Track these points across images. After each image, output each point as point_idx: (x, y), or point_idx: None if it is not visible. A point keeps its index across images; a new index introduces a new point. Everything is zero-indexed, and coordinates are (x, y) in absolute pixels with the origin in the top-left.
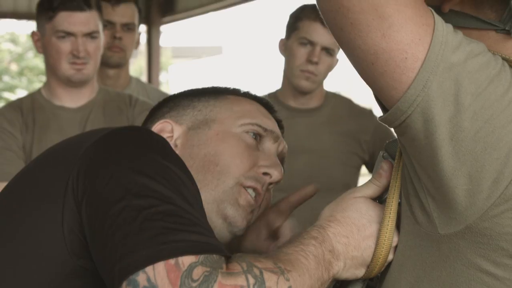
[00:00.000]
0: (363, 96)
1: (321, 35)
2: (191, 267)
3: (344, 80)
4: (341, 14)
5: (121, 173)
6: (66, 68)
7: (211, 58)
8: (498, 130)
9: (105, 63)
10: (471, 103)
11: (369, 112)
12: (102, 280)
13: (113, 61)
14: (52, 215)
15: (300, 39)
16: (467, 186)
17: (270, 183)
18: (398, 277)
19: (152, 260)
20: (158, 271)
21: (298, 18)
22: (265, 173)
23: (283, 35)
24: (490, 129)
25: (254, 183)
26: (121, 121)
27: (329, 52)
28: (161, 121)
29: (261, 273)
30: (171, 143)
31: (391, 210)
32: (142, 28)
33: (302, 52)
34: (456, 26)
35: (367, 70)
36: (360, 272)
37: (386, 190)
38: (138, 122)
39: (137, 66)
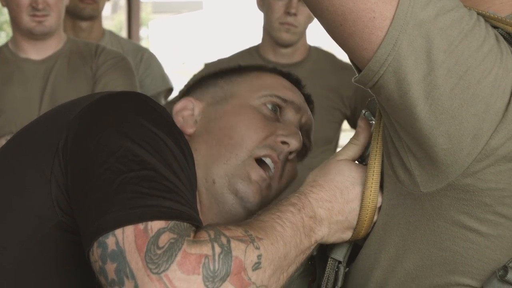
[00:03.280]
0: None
1: None
2: (159, 233)
3: (325, 34)
4: None
5: (107, 136)
6: (26, 20)
7: (192, 14)
8: (473, 86)
9: (78, 16)
10: (444, 60)
11: (352, 67)
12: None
13: (86, 13)
14: (43, 173)
15: None
16: (446, 145)
17: (290, 152)
18: (384, 237)
19: (122, 223)
20: (127, 235)
21: None
22: (283, 142)
23: None
24: (465, 85)
25: (269, 151)
26: (85, 72)
27: None
28: (183, 99)
29: (228, 241)
30: (192, 120)
31: (374, 171)
32: None
33: (279, 5)
34: None
35: (337, 32)
36: (347, 236)
37: (367, 149)
38: (101, 71)
39: (117, 21)
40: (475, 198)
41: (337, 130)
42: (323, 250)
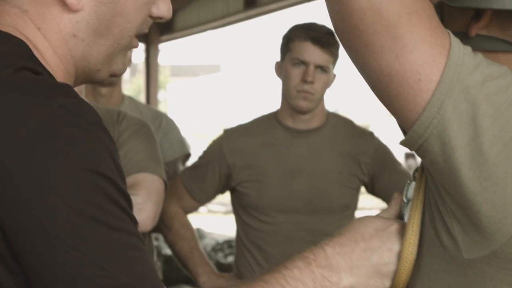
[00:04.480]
0: (362, 115)
1: (312, 53)
2: None
3: (343, 99)
4: (356, 36)
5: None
6: None
7: (210, 76)
8: None
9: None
10: (490, 126)
11: (370, 134)
12: None
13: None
14: None
15: (293, 60)
16: (490, 212)
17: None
18: None
19: None
20: None
21: (289, 39)
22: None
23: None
24: (510, 152)
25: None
26: None
27: (323, 69)
28: None
29: None
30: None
31: (413, 223)
32: (141, 47)
33: (296, 73)
34: (483, 50)
35: (383, 92)
36: (378, 284)
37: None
38: (123, 138)
39: (135, 84)
40: None
41: (355, 196)
42: None
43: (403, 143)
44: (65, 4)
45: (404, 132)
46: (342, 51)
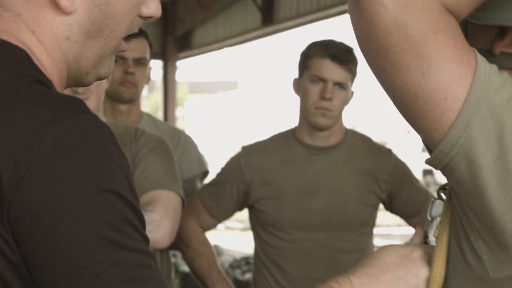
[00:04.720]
0: (379, 132)
1: (330, 70)
2: None
3: (360, 115)
4: (381, 54)
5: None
6: None
7: (227, 93)
8: None
9: (117, 99)
10: None
11: (388, 151)
12: None
13: (126, 97)
14: None
15: (311, 77)
16: None
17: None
18: None
19: None
20: None
21: (307, 56)
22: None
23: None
24: None
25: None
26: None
27: (342, 86)
28: None
29: None
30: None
31: (441, 245)
32: (159, 64)
33: (314, 90)
34: (508, 68)
35: (408, 111)
36: None
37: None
38: (141, 155)
39: (153, 101)
40: None
41: (373, 213)
42: None
43: (429, 162)
44: (58, 6)
45: (430, 150)
46: (359, 68)
